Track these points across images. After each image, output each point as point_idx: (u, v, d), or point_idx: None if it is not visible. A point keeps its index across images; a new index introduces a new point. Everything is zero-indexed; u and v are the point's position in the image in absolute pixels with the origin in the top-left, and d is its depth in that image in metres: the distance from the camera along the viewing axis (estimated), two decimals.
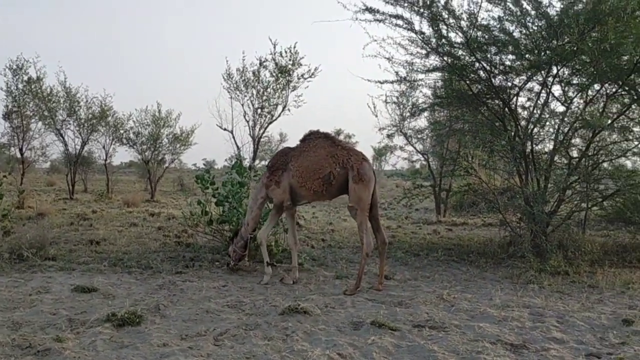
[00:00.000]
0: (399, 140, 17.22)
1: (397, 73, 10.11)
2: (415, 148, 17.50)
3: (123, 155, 64.41)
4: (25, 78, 17.31)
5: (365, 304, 5.88)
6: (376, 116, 16.36)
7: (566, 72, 9.33)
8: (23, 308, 5.24)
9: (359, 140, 51.12)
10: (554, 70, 9.05)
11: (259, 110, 17.30)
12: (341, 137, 48.93)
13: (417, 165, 22.73)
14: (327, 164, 6.68)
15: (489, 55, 9.25)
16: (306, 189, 6.79)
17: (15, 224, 10.60)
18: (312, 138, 7.06)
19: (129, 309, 5.00)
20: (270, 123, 17.37)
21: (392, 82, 10.44)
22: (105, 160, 22.74)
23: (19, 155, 17.84)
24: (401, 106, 15.82)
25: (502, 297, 6.29)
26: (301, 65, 16.27)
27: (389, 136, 16.21)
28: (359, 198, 6.55)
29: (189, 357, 4.05)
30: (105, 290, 6.03)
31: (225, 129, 17.19)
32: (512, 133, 9.35)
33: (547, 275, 7.48)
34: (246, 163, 14.70)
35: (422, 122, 16.74)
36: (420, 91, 11.88)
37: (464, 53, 9.32)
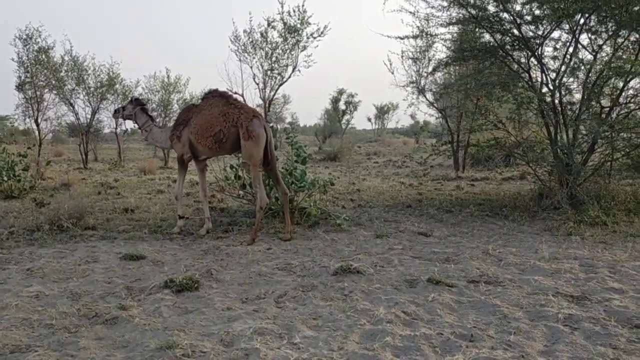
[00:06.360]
0: (414, 97, 17.12)
1: (417, 27, 9.98)
2: (431, 102, 17.38)
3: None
4: (36, 47, 17.01)
5: (413, 261, 5.88)
6: (392, 73, 16.28)
7: (594, 20, 9.12)
8: (76, 278, 5.23)
9: (361, 99, 50.38)
10: (582, 19, 8.85)
11: (269, 72, 16.99)
12: (344, 96, 48.27)
13: (431, 121, 22.54)
14: (218, 123, 7.03)
15: (514, 6, 9.05)
16: (202, 145, 7.21)
17: (42, 195, 10.62)
18: (210, 97, 7.37)
19: (185, 275, 5.01)
20: (281, 84, 17.06)
21: (410, 37, 10.36)
22: (116, 128, 22.51)
23: (34, 126, 17.64)
24: (418, 62, 15.69)
25: (548, 249, 6.28)
26: (310, 24, 15.82)
27: (408, 90, 16.15)
28: (250, 154, 6.89)
29: (256, 320, 4.05)
30: (153, 257, 6.03)
31: (235, 93, 16.92)
32: (541, 84, 9.22)
33: (586, 226, 7.48)
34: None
35: (440, 78, 16.59)
36: (444, 45, 11.73)
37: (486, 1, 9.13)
